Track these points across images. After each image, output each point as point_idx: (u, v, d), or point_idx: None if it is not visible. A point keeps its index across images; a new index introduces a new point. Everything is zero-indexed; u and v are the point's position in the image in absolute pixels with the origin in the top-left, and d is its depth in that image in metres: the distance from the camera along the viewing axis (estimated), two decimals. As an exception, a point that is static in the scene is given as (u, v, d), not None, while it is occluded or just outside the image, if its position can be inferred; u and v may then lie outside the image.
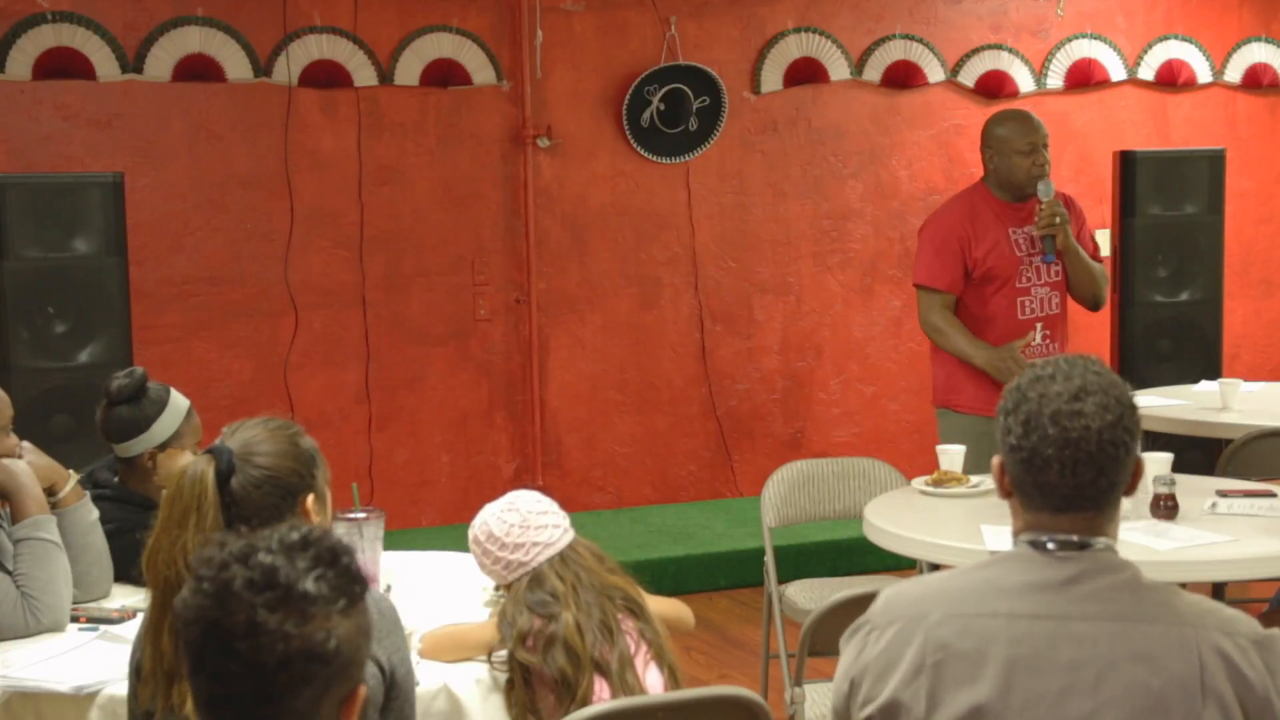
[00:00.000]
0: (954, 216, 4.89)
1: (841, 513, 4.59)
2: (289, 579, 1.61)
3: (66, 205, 5.39)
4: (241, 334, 6.40)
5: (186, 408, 3.53)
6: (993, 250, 4.82)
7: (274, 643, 1.58)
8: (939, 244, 4.86)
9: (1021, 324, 4.85)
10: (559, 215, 6.84)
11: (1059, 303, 4.93)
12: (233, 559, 1.62)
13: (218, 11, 6.24)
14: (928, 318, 4.87)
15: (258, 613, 1.58)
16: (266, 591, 1.60)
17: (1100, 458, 2.01)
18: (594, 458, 6.90)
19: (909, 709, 2.02)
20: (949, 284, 4.84)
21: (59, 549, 3.15)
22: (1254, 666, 1.98)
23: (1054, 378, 2.06)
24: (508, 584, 2.92)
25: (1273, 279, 7.99)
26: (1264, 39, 7.83)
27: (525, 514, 2.93)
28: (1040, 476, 2.04)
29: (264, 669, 1.58)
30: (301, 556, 1.64)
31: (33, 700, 2.79)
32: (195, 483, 2.32)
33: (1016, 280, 4.84)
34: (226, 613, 1.58)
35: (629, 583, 2.94)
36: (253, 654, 1.57)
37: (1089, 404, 2.02)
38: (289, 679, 1.59)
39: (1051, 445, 2.02)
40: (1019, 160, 4.82)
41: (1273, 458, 4.63)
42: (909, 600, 2.09)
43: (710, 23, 6.99)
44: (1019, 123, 4.88)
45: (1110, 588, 2.01)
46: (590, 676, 2.78)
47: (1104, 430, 2.02)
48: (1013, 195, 4.88)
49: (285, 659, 1.58)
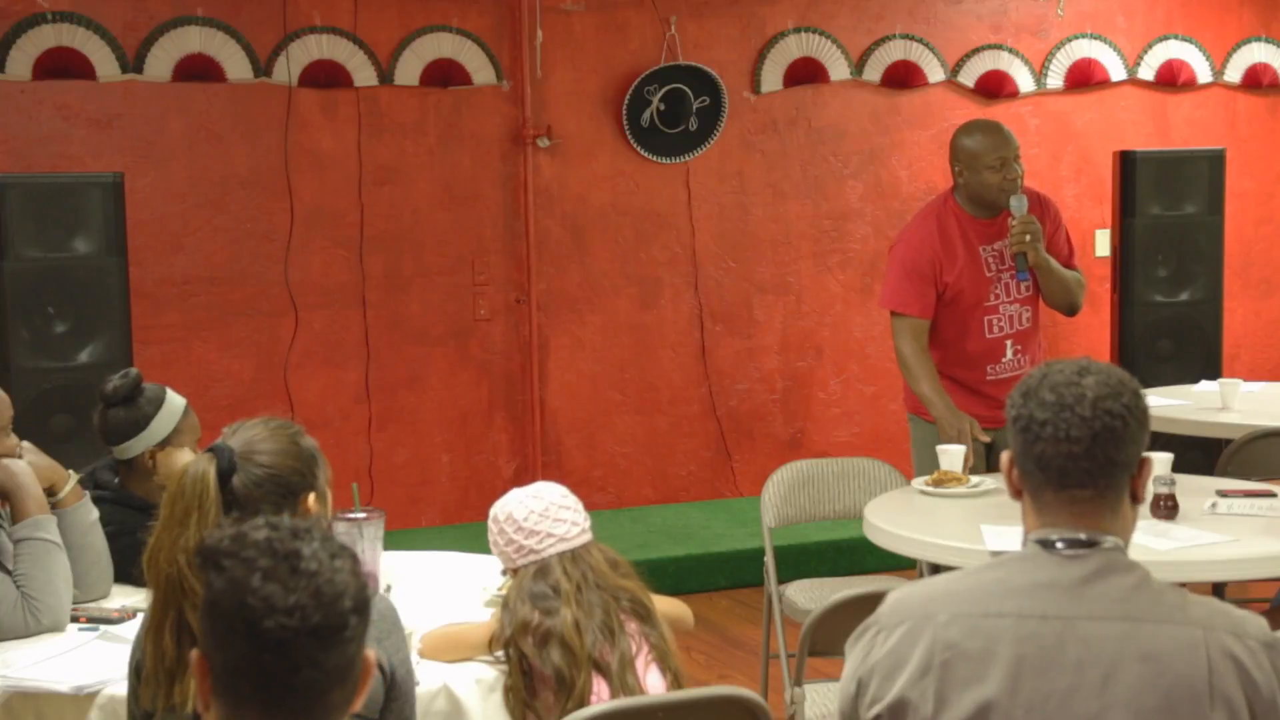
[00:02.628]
0: (923, 238, 4.70)
1: (841, 513, 4.58)
2: (310, 533, 1.66)
3: (66, 205, 5.39)
4: (241, 334, 6.40)
5: (183, 406, 3.53)
6: (963, 272, 4.66)
7: (330, 572, 1.62)
8: (909, 267, 4.68)
9: (989, 342, 4.73)
10: (559, 215, 6.84)
11: (1030, 317, 4.79)
12: (247, 529, 1.65)
13: (218, 11, 6.24)
14: (898, 345, 4.71)
15: (303, 550, 1.63)
16: (298, 537, 1.64)
17: (1094, 424, 2.01)
18: (594, 458, 6.90)
19: (916, 708, 2.02)
20: (921, 309, 4.67)
21: (59, 549, 3.15)
22: (1262, 669, 1.98)
23: (1060, 363, 2.09)
24: (514, 569, 2.92)
25: (1273, 279, 7.99)
26: (1264, 39, 7.83)
27: (549, 504, 2.95)
28: (1035, 445, 2.03)
29: (326, 596, 1.61)
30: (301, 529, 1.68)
31: (33, 700, 2.79)
32: (197, 481, 2.32)
33: (986, 299, 4.70)
34: (276, 559, 1.62)
35: (639, 587, 2.94)
36: (315, 585, 1.61)
37: (1089, 379, 2.04)
38: (351, 605, 1.63)
39: (1048, 410, 2.03)
40: (989, 176, 4.62)
41: (1273, 458, 4.63)
42: (917, 601, 2.09)
43: (710, 23, 6.99)
44: (988, 136, 4.67)
45: (1119, 588, 2.01)
46: (588, 675, 2.78)
47: (1100, 400, 2.02)
48: (983, 211, 4.70)
49: (342, 586, 1.63)
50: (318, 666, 1.61)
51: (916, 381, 4.66)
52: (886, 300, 4.78)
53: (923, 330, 4.68)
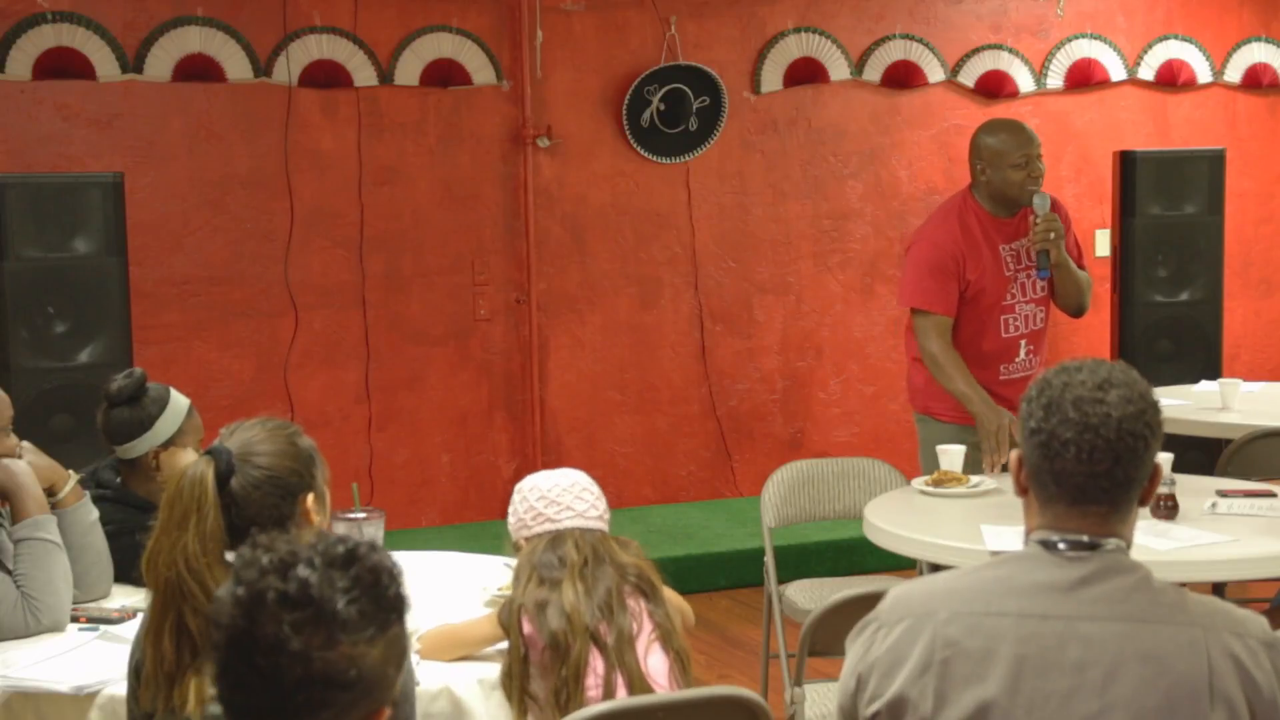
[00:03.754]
0: (947, 236, 4.68)
1: (841, 513, 4.58)
2: (322, 598, 1.58)
3: (66, 205, 5.39)
4: (241, 334, 6.40)
5: (187, 406, 3.54)
6: (985, 271, 4.65)
7: (294, 664, 1.56)
8: (934, 264, 4.65)
9: (1005, 342, 4.72)
10: (559, 215, 6.84)
11: (1043, 317, 4.79)
12: (271, 568, 1.59)
13: (218, 11, 6.24)
14: (925, 345, 4.66)
15: (284, 630, 1.56)
16: (297, 611, 1.57)
17: (1118, 446, 2.01)
18: (594, 458, 6.89)
19: (915, 705, 2.02)
20: (946, 307, 4.64)
21: (59, 549, 3.15)
22: (1263, 668, 1.98)
23: (1080, 369, 2.07)
24: (527, 538, 2.94)
25: (1273, 279, 7.99)
26: (1264, 39, 7.83)
27: (574, 482, 2.99)
28: (1056, 462, 2.03)
29: (282, 687, 1.57)
30: (341, 575, 1.60)
31: (33, 700, 2.80)
32: (195, 484, 2.31)
33: (1004, 299, 4.69)
34: (254, 624, 1.57)
35: (649, 565, 2.95)
36: (273, 671, 1.56)
37: (1112, 394, 2.02)
38: (306, 699, 1.57)
39: (1071, 428, 2.01)
40: (1013, 174, 4.61)
41: (1273, 458, 4.63)
42: (917, 599, 2.09)
43: (710, 23, 6.99)
44: (1013, 134, 4.67)
45: (1120, 589, 2.01)
46: (585, 644, 2.77)
47: (1124, 420, 2.01)
48: (1004, 209, 4.69)
49: (304, 681, 1.57)
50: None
51: (949, 379, 4.61)
52: (909, 298, 4.72)
53: (947, 328, 4.65)
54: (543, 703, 2.80)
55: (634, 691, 2.76)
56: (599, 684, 2.77)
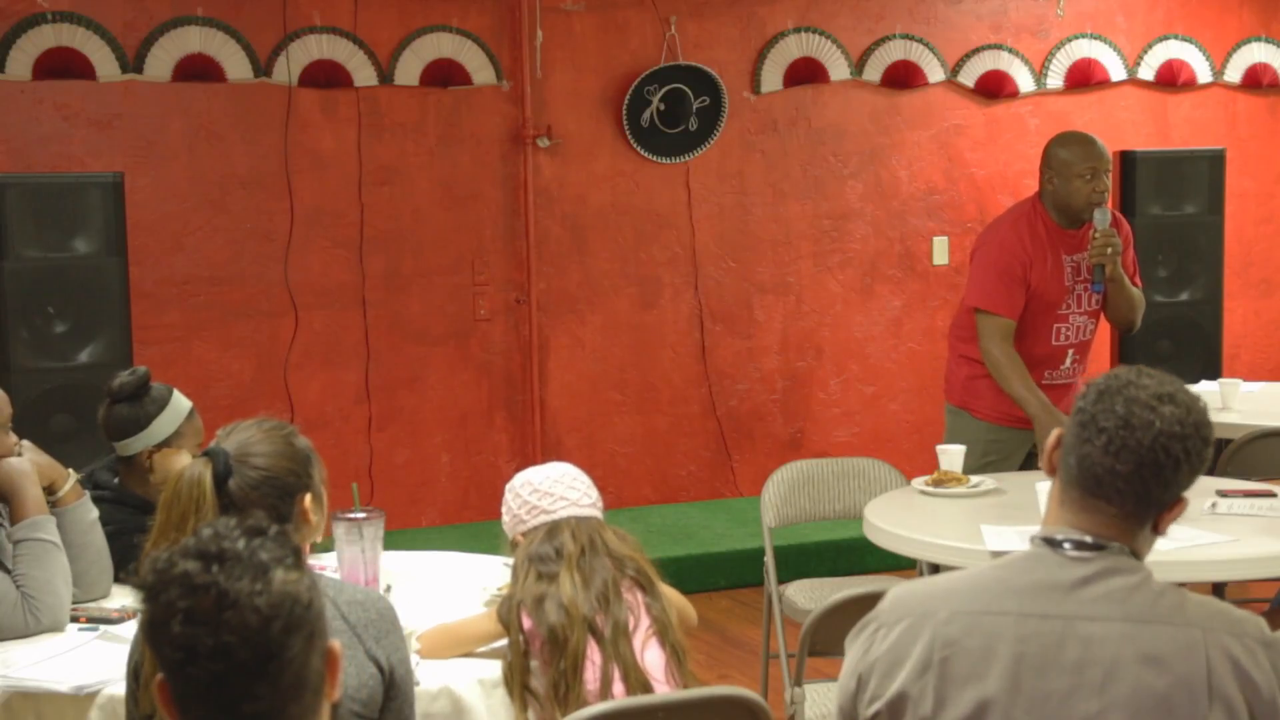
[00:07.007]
0: (1016, 240, 4.75)
1: (841, 513, 4.58)
2: (235, 550, 1.62)
3: (66, 205, 5.40)
4: (241, 334, 6.40)
5: (188, 409, 3.53)
6: (1047, 279, 4.72)
7: (252, 600, 1.59)
8: (1003, 267, 4.72)
9: (1054, 349, 4.78)
10: (559, 215, 6.84)
11: (1092, 330, 4.86)
12: (175, 558, 1.62)
13: (218, 11, 6.24)
14: (987, 346, 4.72)
15: (222, 583, 1.59)
16: (220, 565, 1.60)
17: (1147, 455, 2.00)
18: (594, 458, 6.89)
19: (916, 705, 2.02)
20: (1010, 310, 4.70)
21: (58, 549, 3.15)
22: (1261, 669, 1.98)
23: (1150, 377, 2.07)
24: (524, 532, 2.94)
25: (1273, 279, 7.99)
26: (1264, 39, 7.83)
27: (564, 473, 3.00)
28: (1085, 445, 2.03)
29: (252, 628, 1.58)
30: (229, 538, 1.64)
31: (33, 700, 2.79)
32: (193, 485, 2.31)
33: (1059, 307, 4.76)
34: (196, 597, 1.58)
35: (645, 559, 2.95)
36: (239, 619, 1.58)
37: (1166, 409, 2.02)
38: (281, 627, 1.59)
39: (1112, 419, 2.02)
40: (1079, 185, 4.69)
41: (1273, 458, 4.64)
42: (917, 598, 2.09)
43: (710, 23, 6.99)
44: (1083, 146, 4.75)
45: (1121, 589, 2.01)
46: (583, 634, 2.78)
47: (1164, 435, 2.00)
48: (1068, 220, 4.75)
49: (270, 611, 1.59)
50: (259, 698, 1.60)
51: (1008, 381, 4.67)
52: (976, 299, 4.78)
53: (1010, 331, 4.71)
54: (543, 698, 2.80)
55: (629, 682, 2.76)
56: (597, 676, 2.77)
